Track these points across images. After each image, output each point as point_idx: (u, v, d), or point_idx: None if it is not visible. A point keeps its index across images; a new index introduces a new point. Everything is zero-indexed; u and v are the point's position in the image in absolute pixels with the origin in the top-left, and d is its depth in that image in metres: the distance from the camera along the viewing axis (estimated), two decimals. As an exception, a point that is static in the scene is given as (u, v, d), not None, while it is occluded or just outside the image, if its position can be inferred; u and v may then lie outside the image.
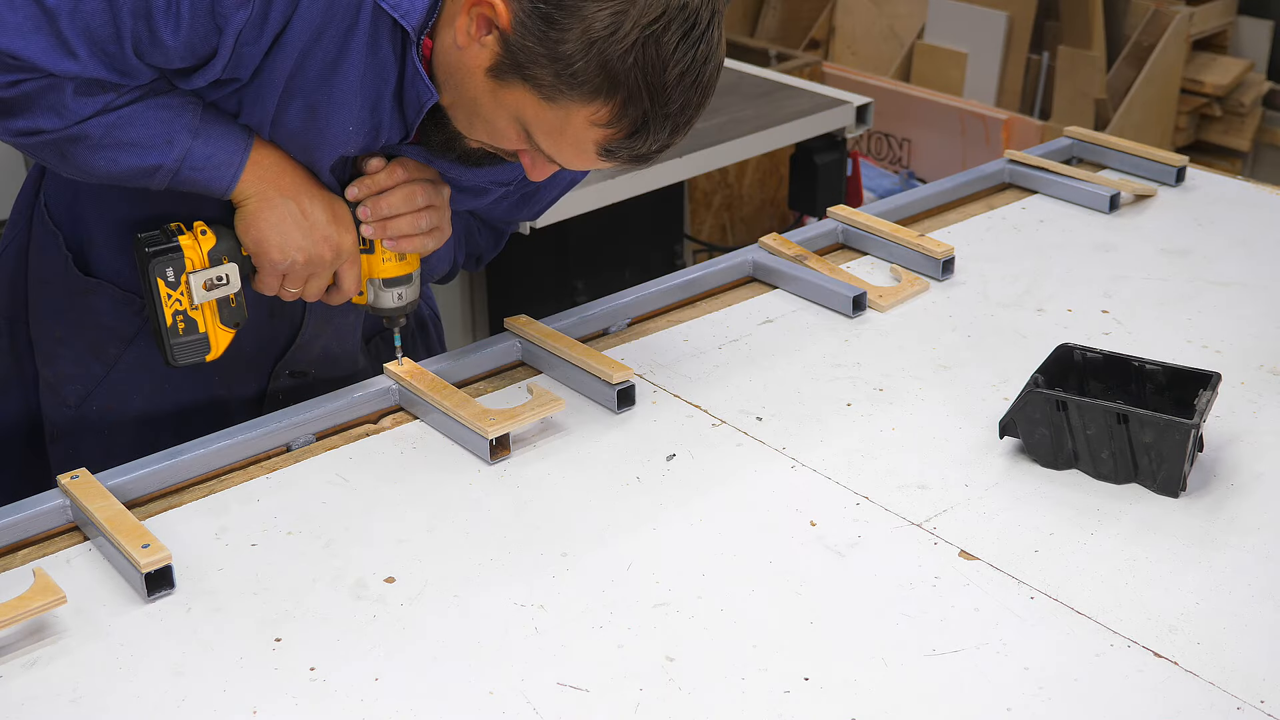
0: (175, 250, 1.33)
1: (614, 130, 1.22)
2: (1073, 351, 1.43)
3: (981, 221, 1.93)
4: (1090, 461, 1.35)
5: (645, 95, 1.20)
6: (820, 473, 1.36)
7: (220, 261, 1.34)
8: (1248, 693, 1.08)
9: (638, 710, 1.06)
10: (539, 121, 1.24)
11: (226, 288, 1.36)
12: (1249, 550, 1.25)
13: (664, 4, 1.17)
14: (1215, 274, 1.78)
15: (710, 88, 1.24)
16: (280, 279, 1.36)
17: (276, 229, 1.33)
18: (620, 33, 1.17)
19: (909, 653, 1.12)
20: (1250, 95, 4.41)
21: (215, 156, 1.30)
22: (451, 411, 1.38)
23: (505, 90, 1.23)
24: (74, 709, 1.05)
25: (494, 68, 1.23)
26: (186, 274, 1.33)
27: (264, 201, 1.33)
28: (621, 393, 1.45)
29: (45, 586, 1.13)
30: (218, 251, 1.34)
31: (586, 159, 1.27)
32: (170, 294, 1.34)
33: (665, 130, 1.23)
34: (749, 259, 1.75)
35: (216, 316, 1.37)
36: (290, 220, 1.33)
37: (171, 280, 1.33)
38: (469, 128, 1.31)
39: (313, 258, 1.35)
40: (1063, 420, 1.34)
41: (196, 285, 1.34)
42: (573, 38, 1.17)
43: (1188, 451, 1.30)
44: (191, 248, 1.33)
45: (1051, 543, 1.26)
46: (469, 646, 1.12)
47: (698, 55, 1.20)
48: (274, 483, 1.34)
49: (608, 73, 1.18)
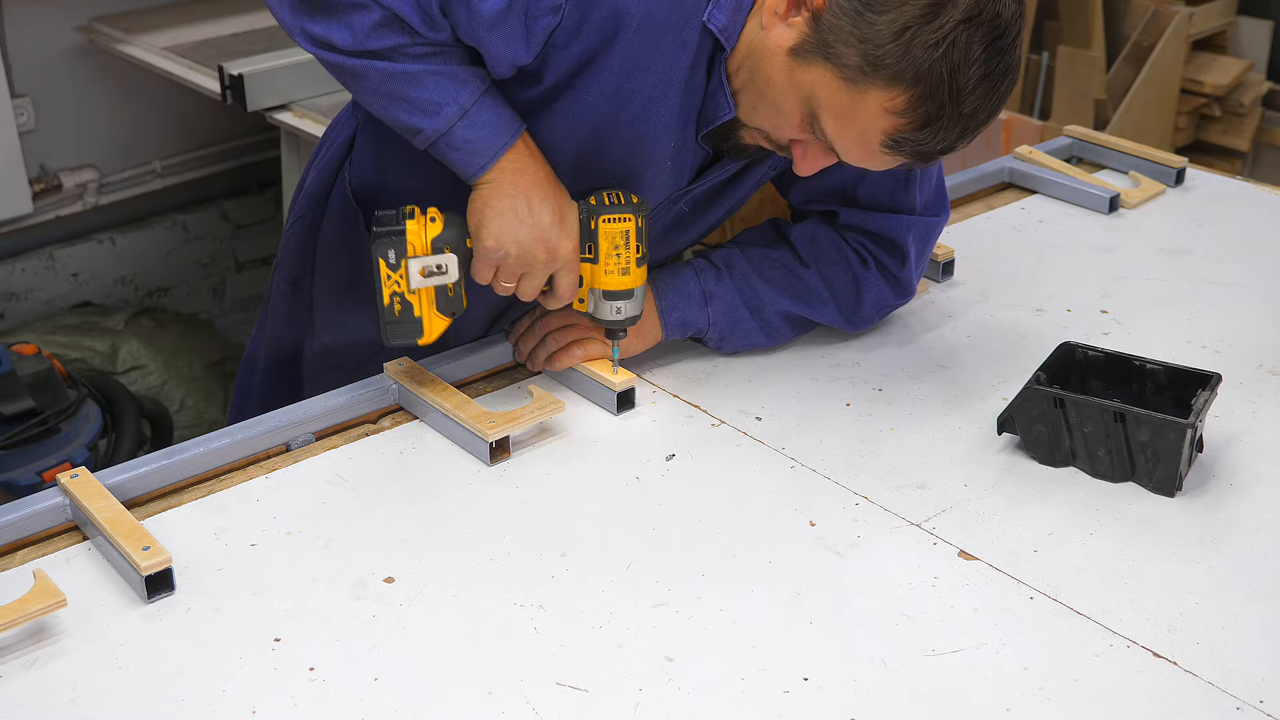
0: (399, 234, 1.35)
1: (906, 121, 1.23)
2: (1074, 350, 1.43)
3: (981, 221, 1.93)
4: (1087, 459, 1.35)
5: (945, 91, 1.21)
6: (820, 473, 1.36)
7: (441, 250, 1.36)
8: (1247, 693, 1.08)
9: (637, 710, 1.06)
10: (832, 104, 1.25)
11: (444, 276, 1.37)
12: (1248, 550, 1.25)
13: (979, 6, 1.20)
14: (1215, 274, 1.78)
15: (1002, 101, 1.26)
16: (493, 269, 1.37)
17: (498, 217, 1.34)
18: (935, 24, 1.19)
19: (909, 653, 1.12)
20: (1250, 95, 4.41)
21: (473, 142, 1.33)
22: (452, 413, 1.38)
23: (803, 70, 1.26)
24: (74, 709, 1.05)
25: (797, 47, 1.25)
26: (406, 258, 1.35)
27: (495, 189, 1.34)
28: (621, 395, 1.45)
29: (46, 589, 1.12)
30: (441, 240, 1.36)
31: (868, 148, 1.28)
32: (390, 275, 1.36)
33: (955, 131, 1.24)
34: (749, 259, 1.75)
35: (433, 303, 1.38)
36: (513, 213, 1.34)
37: (392, 262, 1.35)
38: (752, 114, 1.34)
39: (525, 254, 1.35)
40: (1060, 418, 1.34)
41: (414, 270, 1.36)
42: (887, 21, 1.20)
43: (1184, 451, 1.30)
44: (416, 233, 1.35)
45: (1051, 543, 1.26)
46: (468, 647, 1.12)
47: (1000, 65, 1.23)
48: (273, 482, 1.34)
49: (913, 62, 1.20)
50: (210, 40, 3.03)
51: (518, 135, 1.34)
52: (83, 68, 3.14)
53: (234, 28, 3.10)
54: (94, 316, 3.19)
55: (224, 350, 3.31)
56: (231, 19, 3.12)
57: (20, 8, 3.00)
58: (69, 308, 3.27)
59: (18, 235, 3.17)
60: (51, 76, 3.10)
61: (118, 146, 3.26)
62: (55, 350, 3.00)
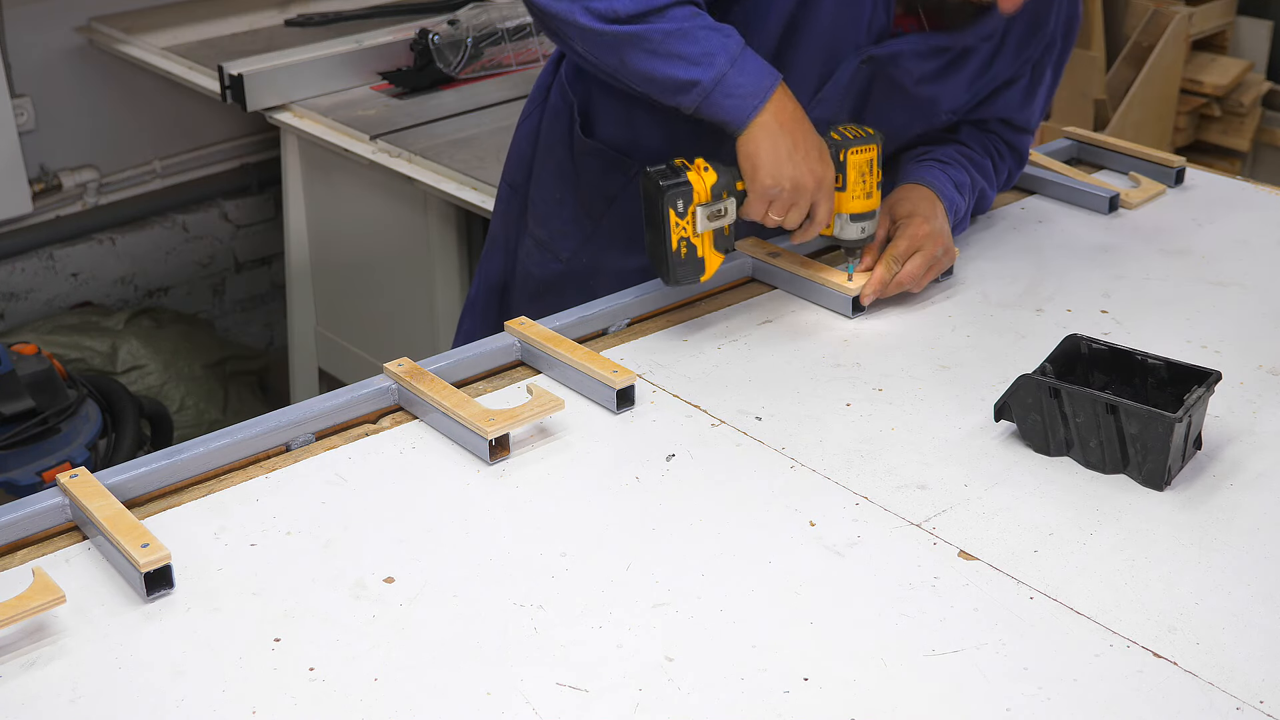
0: (686, 185, 1.50)
1: None
2: (1080, 343, 1.44)
3: (981, 221, 1.94)
4: (1080, 450, 1.36)
5: None
6: (819, 473, 1.36)
7: (721, 196, 1.52)
8: (1247, 693, 1.08)
9: (637, 710, 1.06)
10: None
11: (725, 219, 1.54)
12: (1249, 550, 1.25)
13: None
14: (1215, 274, 1.78)
15: None
16: (767, 204, 1.53)
17: (772, 156, 1.50)
18: None
19: (909, 653, 1.12)
20: (1250, 95, 4.41)
21: (745, 86, 1.48)
22: (451, 411, 1.38)
23: None
24: (73, 709, 1.05)
25: None
26: (694, 206, 1.51)
27: (765, 131, 1.50)
28: (621, 393, 1.45)
29: (44, 586, 1.12)
30: (719, 186, 1.52)
31: None
32: (679, 222, 1.51)
33: None
34: (749, 260, 1.75)
35: (711, 243, 1.55)
36: (785, 151, 1.50)
37: (680, 210, 1.51)
38: None
39: (798, 186, 1.52)
40: (1055, 407, 1.35)
41: (702, 216, 1.52)
42: None
43: (1172, 445, 1.30)
44: (698, 182, 1.51)
45: (1051, 543, 1.26)
46: (468, 646, 1.12)
47: None
48: (273, 482, 1.34)
49: None
50: (210, 40, 3.03)
51: (780, 77, 1.51)
52: (83, 68, 3.14)
53: (234, 28, 3.10)
54: (94, 316, 3.19)
55: (224, 350, 3.32)
56: (231, 19, 3.13)
57: (20, 8, 3.00)
58: (69, 308, 3.27)
59: (18, 235, 3.17)
60: (51, 76, 3.10)
61: (118, 146, 3.27)
62: (55, 350, 3.00)
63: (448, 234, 2.56)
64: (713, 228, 1.53)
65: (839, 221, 1.62)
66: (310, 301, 2.97)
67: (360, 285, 2.84)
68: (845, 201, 1.60)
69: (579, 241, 1.80)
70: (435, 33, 2.78)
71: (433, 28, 2.80)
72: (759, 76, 1.49)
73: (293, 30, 3.10)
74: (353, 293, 2.87)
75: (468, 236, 2.59)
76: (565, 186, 1.79)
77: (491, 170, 2.38)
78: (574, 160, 1.77)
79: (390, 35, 2.92)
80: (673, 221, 1.51)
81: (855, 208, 1.61)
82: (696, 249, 1.54)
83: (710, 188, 1.51)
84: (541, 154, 1.82)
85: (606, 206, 1.77)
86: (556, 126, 1.78)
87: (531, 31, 2.89)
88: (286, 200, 2.88)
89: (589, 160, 1.76)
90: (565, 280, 1.82)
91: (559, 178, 1.80)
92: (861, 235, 1.63)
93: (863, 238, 1.63)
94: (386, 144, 2.54)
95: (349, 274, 2.85)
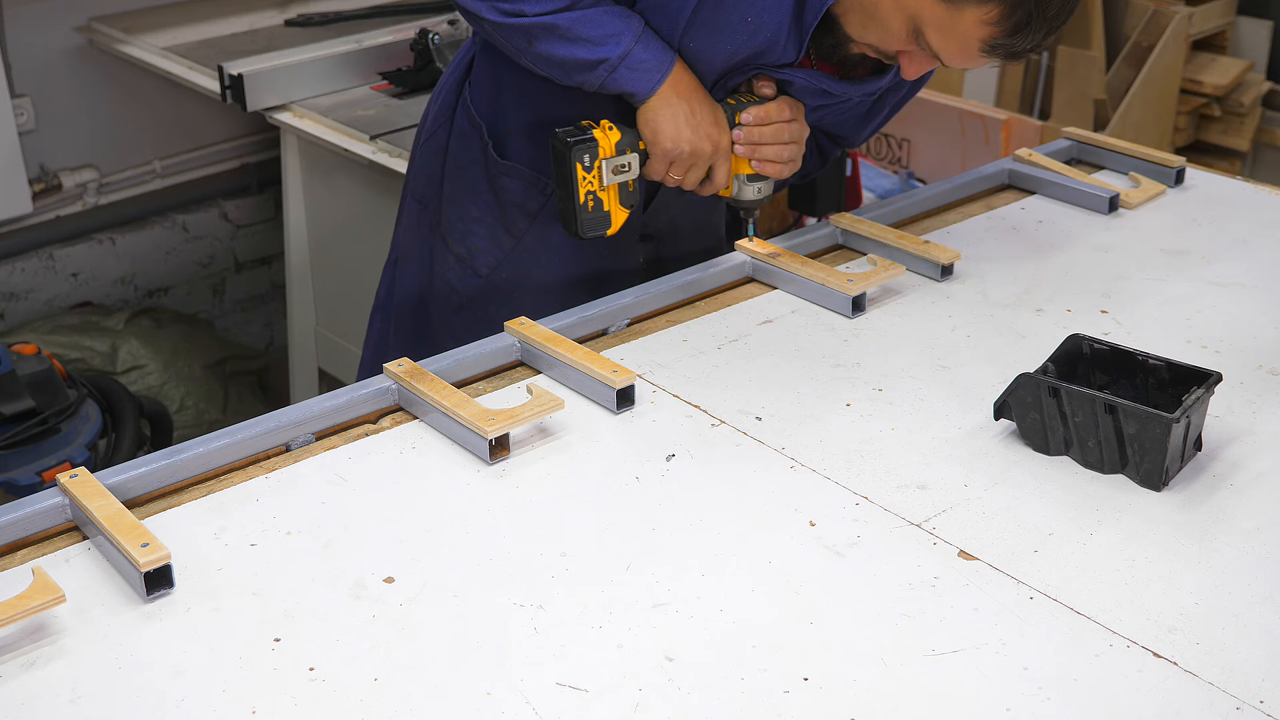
0: (591, 141, 1.63)
1: (999, 29, 1.46)
2: (1081, 343, 1.44)
3: (981, 222, 1.94)
4: (1079, 449, 1.36)
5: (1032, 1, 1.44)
6: (820, 473, 1.36)
7: (624, 152, 1.65)
8: (1247, 693, 1.08)
9: (637, 710, 1.06)
10: (934, 21, 1.48)
11: (628, 174, 1.66)
12: (1249, 550, 1.25)
13: None
14: (1215, 274, 1.78)
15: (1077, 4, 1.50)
16: (667, 166, 1.66)
17: (671, 123, 1.63)
18: None
19: (908, 653, 1.12)
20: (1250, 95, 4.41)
21: (649, 62, 1.61)
22: (451, 411, 1.38)
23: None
24: (73, 709, 1.05)
25: None
26: (600, 160, 1.63)
27: (664, 100, 1.63)
28: (621, 393, 1.45)
29: (44, 585, 1.12)
30: (623, 144, 1.64)
31: (968, 55, 1.51)
32: (585, 176, 1.63)
33: (1041, 32, 1.47)
34: (747, 260, 1.75)
35: (617, 198, 1.67)
36: (683, 118, 1.63)
37: (587, 164, 1.63)
38: (862, 31, 1.57)
39: (696, 150, 1.65)
40: (1054, 406, 1.35)
41: (607, 170, 1.64)
42: None
43: (1169, 445, 1.30)
44: (603, 139, 1.63)
45: (1051, 543, 1.26)
46: (468, 646, 1.12)
47: None
48: (273, 483, 1.34)
49: None
50: (210, 40, 3.03)
51: (675, 53, 1.63)
52: (83, 68, 3.14)
53: (234, 28, 3.10)
54: (94, 316, 3.19)
55: (224, 350, 3.32)
56: (231, 19, 3.13)
57: (20, 8, 3.00)
58: (69, 308, 3.27)
59: (18, 235, 3.17)
60: (51, 76, 3.10)
61: (118, 146, 3.27)
62: (55, 350, 3.00)
63: (448, 234, 2.55)
64: (617, 181, 1.65)
65: (736, 183, 1.72)
66: (310, 301, 2.97)
67: (360, 285, 2.84)
68: (741, 164, 1.70)
69: (499, 257, 1.84)
70: (435, 33, 2.78)
71: (433, 28, 2.80)
72: (660, 53, 1.61)
73: (293, 30, 3.10)
74: (353, 293, 2.87)
75: (468, 236, 2.59)
76: (481, 205, 1.83)
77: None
78: (490, 180, 1.81)
79: (390, 35, 2.92)
80: (579, 175, 1.62)
81: (750, 169, 1.70)
82: (603, 202, 1.65)
83: (615, 144, 1.63)
84: (452, 173, 1.85)
85: (529, 223, 1.82)
86: (468, 147, 1.82)
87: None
88: (286, 200, 2.87)
89: (506, 181, 1.80)
90: (488, 294, 1.86)
91: (474, 196, 1.83)
92: (758, 196, 1.73)
93: (759, 198, 1.73)
94: (386, 144, 2.54)
95: (349, 274, 2.85)
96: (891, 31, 1.52)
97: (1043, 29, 1.47)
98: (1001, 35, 1.46)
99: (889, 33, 1.53)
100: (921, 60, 1.56)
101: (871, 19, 1.53)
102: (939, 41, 1.49)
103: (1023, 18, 1.44)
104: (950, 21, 1.47)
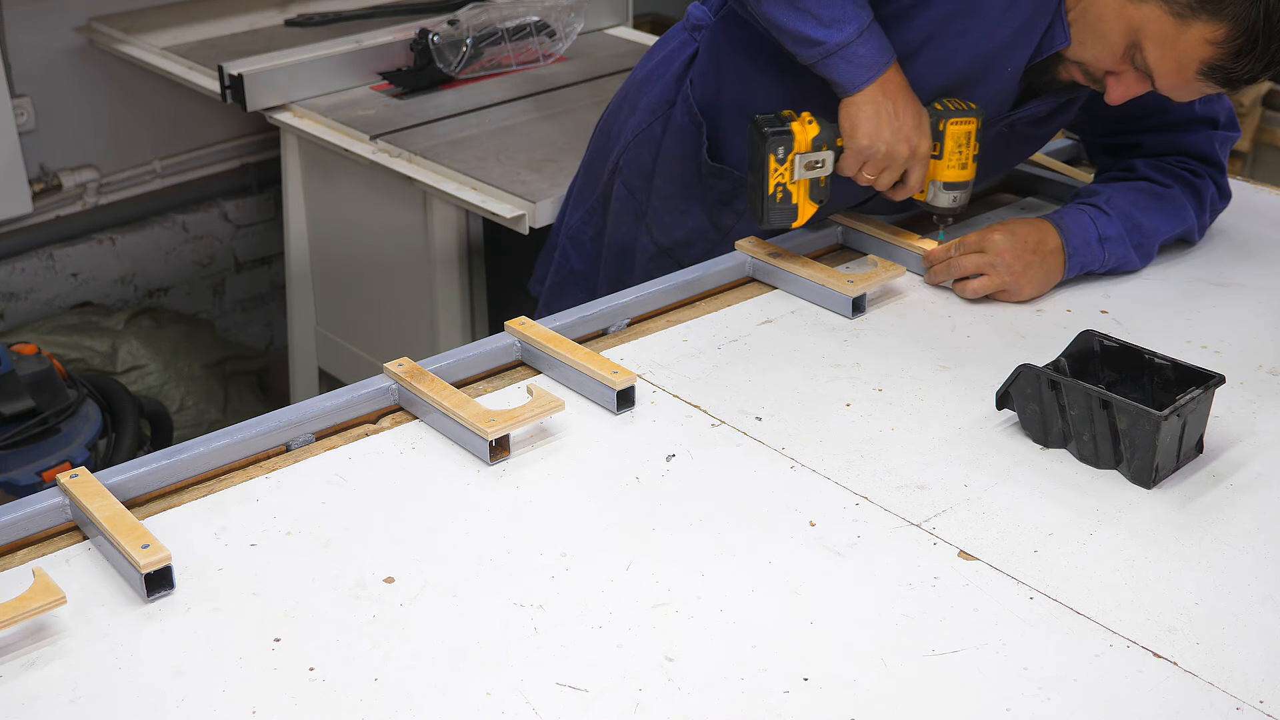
0: (788, 133, 1.62)
1: (1222, 51, 1.46)
2: (1093, 340, 1.44)
3: (982, 222, 1.93)
4: (1075, 442, 1.36)
5: (1261, 26, 1.44)
6: (819, 473, 1.36)
7: (820, 148, 1.63)
8: (1247, 693, 1.08)
9: (637, 710, 1.06)
10: (1158, 36, 1.48)
11: (820, 170, 1.65)
12: (1249, 550, 1.25)
13: None
14: (1215, 274, 1.78)
15: None
16: (861, 164, 1.64)
17: (872, 121, 1.60)
18: None
19: (908, 653, 1.12)
20: (1249, 95, 4.41)
21: (865, 58, 1.58)
22: (451, 412, 1.38)
23: (1135, 8, 1.49)
24: (74, 709, 1.05)
25: None
26: (794, 154, 1.63)
27: (869, 98, 1.60)
28: (621, 394, 1.45)
29: (45, 587, 1.12)
30: (819, 140, 1.63)
31: (1183, 76, 1.50)
32: (777, 168, 1.63)
33: (1262, 62, 1.47)
34: (747, 260, 1.75)
35: (807, 192, 1.66)
36: (885, 117, 1.61)
37: (780, 157, 1.63)
38: (1079, 48, 1.58)
39: (892, 152, 1.62)
40: (1053, 399, 1.36)
41: (800, 164, 1.64)
42: None
43: (1159, 443, 1.30)
44: (800, 133, 1.63)
45: (1051, 543, 1.26)
46: (468, 647, 1.12)
47: None
48: (273, 483, 1.34)
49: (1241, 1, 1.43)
50: (210, 40, 3.03)
51: (894, 55, 1.60)
52: (83, 68, 3.14)
53: (234, 28, 3.10)
54: (94, 316, 3.19)
55: (224, 350, 3.31)
56: (231, 19, 3.12)
57: (20, 8, 3.00)
58: (69, 308, 3.27)
59: (18, 235, 3.17)
60: (51, 76, 3.10)
61: (118, 146, 3.26)
62: (55, 350, 3.00)
63: (448, 234, 2.55)
64: (808, 177, 1.64)
65: (932, 188, 1.70)
66: (310, 301, 2.97)
67: (360, 285, 2.84)
68: (940, 169, 1.68)
69: (703, 250, 1.87)
70: (435, 33, 2.77)
71: (433, 28, 2.80)
72: (879, 51, 1.58)
73: (293, 30, 3.10)
74: (353, 293, 2.87)
75: (467, 236, 2.59)
76: (692, 200, 1.87)
77: (491, 170, 2.38)
78: (701, 179, 1.84)
79: (390, 35, 2.92)
80: (771, 166, 1.62)
81: (949, 176, 1.68)
82: (792, 195, 1.65)
83: (811, 140, 1.62)
84: (665, 167, 1.88)
85: (736, 220, 1.86)
86: (683, 144, 1.85)
87: (531, 31, 2.89)
88: (286, 200, 2.87)
89: (715, 181, 1.84)
90: None
91: (686, 191, 1.87)
92: (953, 204, 1.71)
93: (954, 206, 1.72)
94: (386, 144, 2.53)
95: (349, 274, 2.85)
96: (1110, 46, 1.53)
97: (1265, 59, 1.46)
98: (1223, 58, 1.46)
99: (1107, 47, 1.53)
100: (1131, 82, 1.56)
101: (1091, 33, 1.54)
102: (1157, 58, 1.49)
103: (1247, 42, 1.45)
104: (1174, 36, 1.47)
